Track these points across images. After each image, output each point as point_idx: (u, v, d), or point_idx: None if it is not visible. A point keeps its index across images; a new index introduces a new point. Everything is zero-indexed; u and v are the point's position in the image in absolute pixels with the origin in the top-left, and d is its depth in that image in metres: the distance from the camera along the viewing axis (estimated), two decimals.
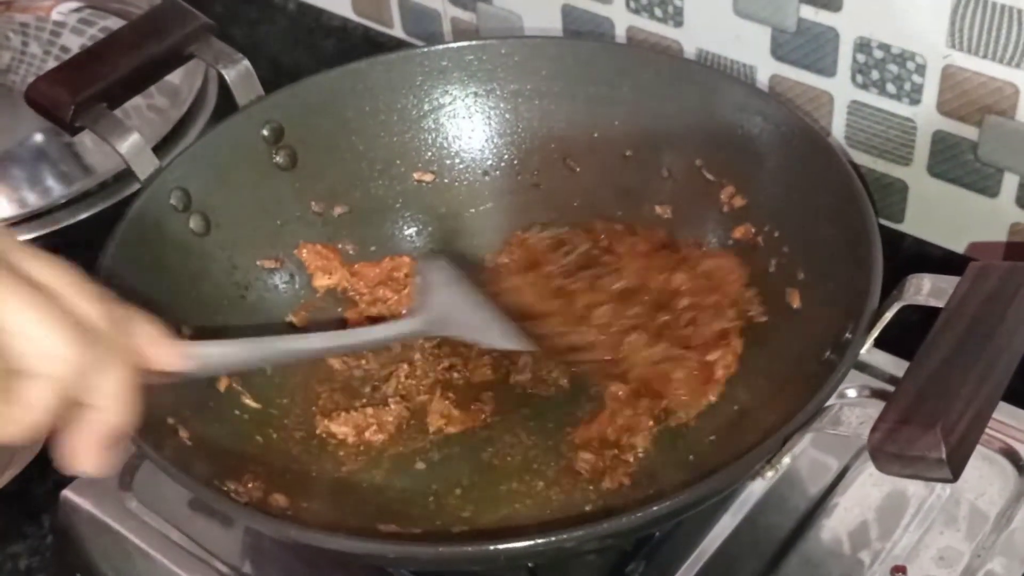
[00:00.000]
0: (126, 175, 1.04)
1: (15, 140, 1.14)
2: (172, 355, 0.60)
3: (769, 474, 0.67)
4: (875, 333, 0.69)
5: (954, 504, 0.78)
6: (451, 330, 0.82)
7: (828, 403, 0.66)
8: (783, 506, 0.79)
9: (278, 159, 0.89)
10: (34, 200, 1.07)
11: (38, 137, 1.13)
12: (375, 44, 1.19)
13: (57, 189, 1.08)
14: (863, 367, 0.84)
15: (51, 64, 1.17)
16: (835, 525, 0.78)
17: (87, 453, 0.56)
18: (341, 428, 0.82)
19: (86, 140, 1.10)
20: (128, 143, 0.82)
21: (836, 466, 0.81)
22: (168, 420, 0.74)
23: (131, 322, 0.57)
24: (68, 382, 0.52)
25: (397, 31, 1.17)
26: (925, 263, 0.92)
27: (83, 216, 1.06)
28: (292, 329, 0.88)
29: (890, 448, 0.59)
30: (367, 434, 0.82)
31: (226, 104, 1.05)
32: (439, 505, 0.78)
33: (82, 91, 0.82)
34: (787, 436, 0.65)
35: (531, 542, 0.63)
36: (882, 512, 0.79)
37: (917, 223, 0.95)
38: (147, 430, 0.70)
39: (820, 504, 0.79)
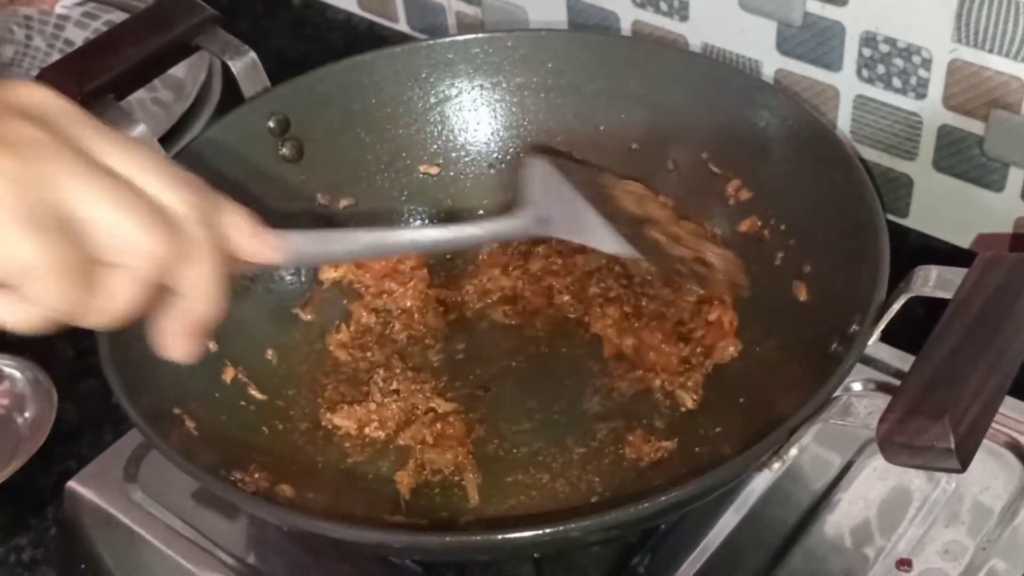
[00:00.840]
0: None
1: None
2: (262, 245, 0.58)
3: (776, 466, 0.67)
4: (882, 325, 0.69)
5: (959, 498, 0.78)
6: (557, 230, 0.77)
7: (835, 395, 0.66)
8: (787, 501, 0.79)
9: (284, 151, 0.89)
10: None
11: None
12: (380, 38, 1.19)
13: None
14: (869, 361, 0.84)
15: (55, 58, 1.17)
16: (839, 519, 0.78)
17: (174, 340, 0.55)
18: (344, 422, 0.82)
19: None
20: (134, 135, 0.82)
21: (840, 461, 0.81)
22: (174, 410, 0.74)
23: (218, 209, 0.55)
24: (150, 273, 0.51)
25: (402, 25, 1.18)
26: (930, 258, 0.92)
27: None
28: (295, 320, 0.88)
29: (898, 438, 0.59)
30: (368, 430, 0.82)
31: (231, 98, 1.05)
32: (445, 496, 0.78)
33: (89, 82, 0.82)
34: (794, 427, 0.65)
35: (538, 532, 0.63)
36: (886, 506, 0.79)
37: (922, 218, 0.95)
38: (154, 420, 0.70)
39: (824, 499, 0.79)
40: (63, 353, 0.97)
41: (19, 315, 0.50)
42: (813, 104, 0.94)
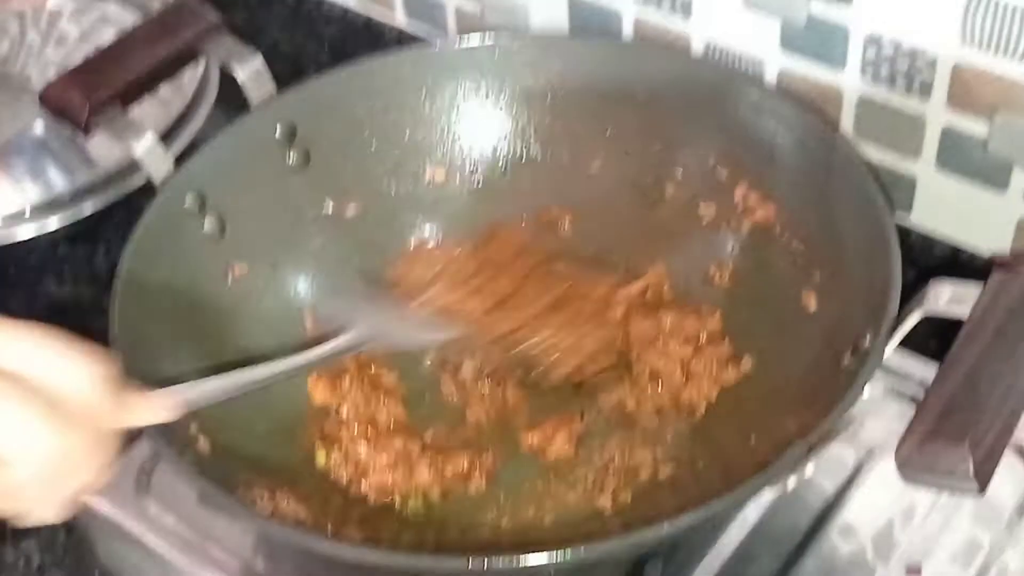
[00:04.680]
0: (131, 168, 1.04)
1: (15, 129, 1.13)
2: (154, 410, 0.60)
3: (792, 482, 0.68)
4: (895, 341, 0.69)
5: (968, 502, 0.79)
6: (385, 338, 0.82)
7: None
8: (798, 505, 0.80)
9: (291, 158, 0.89)
10: (37, 193, 1.06)
11: (39, 127, 1.12)
12: (377, 33, 1.18)
13: (60, 182, 1.07)
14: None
15: (50, 52, 1.16)
16: (850, 524, 0.79)
17: (52, 510, 0.55)
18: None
19: None
20: (143, 145, 0.83)
21: (851, 464, 0.82)
22: (191, 428, 0.74)
23: (112, 387, 0.55)
24: (44, 468, 0.51)
25: (400, 20, 1.17)
26: (932, 256, 0.93)
27: (87, 209, 1.06)
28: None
29: (918, 462, 0.60)
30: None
31: (229, 92, 1.05)
32: (459, 505, 0.79)
33: (96, 92, 0.82)
34: (812, 445, 0.65)
35: (560, 552, 0.63)
36: (896, 511, 0.80)
37: (925, 216, 0.95)
38: (168, 435, 0.70)
39: (835, 503, 0.80)
40: None
41: None
42: (816, 104, 0.94)
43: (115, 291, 0.76)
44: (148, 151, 0.83)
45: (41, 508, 0.53)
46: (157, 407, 0.60)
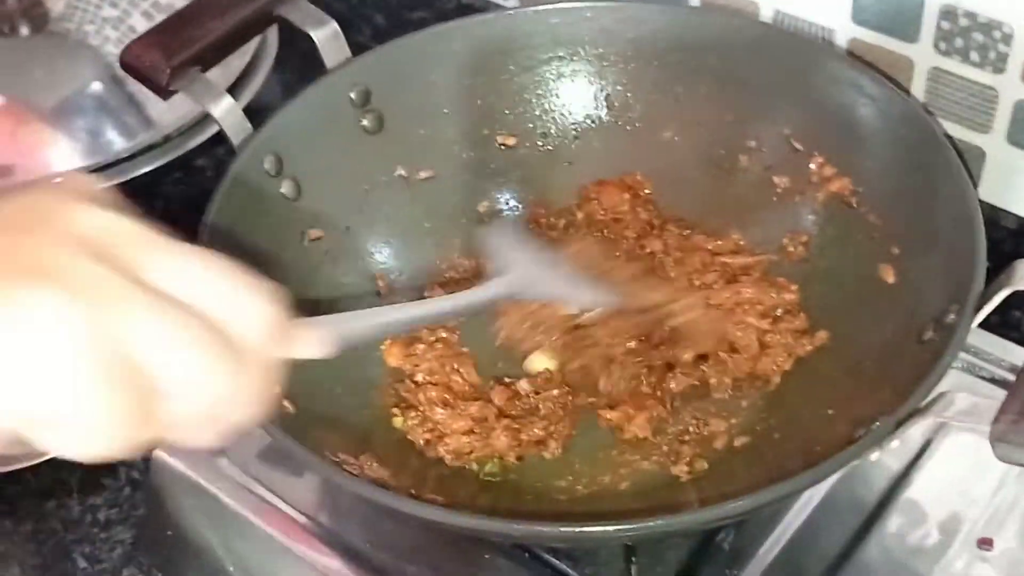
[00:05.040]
0: (189, 126, 1.05)
1: (72, 89, 1.13)
2: (315, 344, 0.57)
3: (875, 456, 0.68)
4: (982, 316, 0.69)
5: None
6: (535, 290, 0.78)
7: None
8: (868, 478, 0.80)
9: (365, 123, 0.89)
10: (95, 151, 1.06)
11: (96, 86, 1.12)
12: None
13: (117, 140, 1.07)
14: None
15: (106, 11, 1.16)
16: (919, 497, 0.79)
17: (211, 439, 0.52)
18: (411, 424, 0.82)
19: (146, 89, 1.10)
20: (222, 107, 0.83)
21: (919, 439, 0.82)
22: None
23: (277, 320, 0.52)
24: (211, 404, 0.49)
25: None
26: (999, 230, 0.93)
27: (145, 167, 1.06)
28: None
29: (1013, 439, 0.60)
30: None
31: (288, 49, 1.05)
32: (534, 472, 0.80)
33: (177, 55, 0.82)
34: (900, 421, 0.66)
35: (650, 522, 0.64)
36: (966, 484, 0.80)
37: (993, 190, 0.95)
38: None
39: (904, 476, 0.80)
40: None
41: (78, 450, 0.48)
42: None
43: None
44: (227, 114, 0.83)
45: (200, 438, 0.51)
46: (318, 341, 0.57)
